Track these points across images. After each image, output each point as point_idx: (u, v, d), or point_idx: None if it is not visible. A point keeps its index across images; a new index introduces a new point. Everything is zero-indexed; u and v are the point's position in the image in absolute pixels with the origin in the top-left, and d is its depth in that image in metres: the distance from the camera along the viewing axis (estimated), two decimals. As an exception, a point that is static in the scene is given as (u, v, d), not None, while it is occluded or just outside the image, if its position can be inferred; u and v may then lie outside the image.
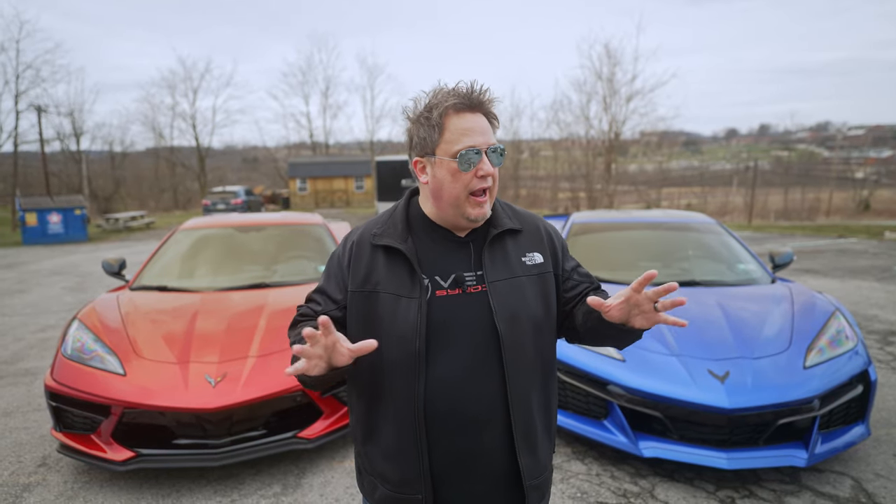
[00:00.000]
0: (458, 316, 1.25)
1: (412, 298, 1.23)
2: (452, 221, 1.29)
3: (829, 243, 13.82)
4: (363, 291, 1.29)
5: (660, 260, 4.53)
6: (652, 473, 3.07)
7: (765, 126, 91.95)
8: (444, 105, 1.22)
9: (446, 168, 1.23)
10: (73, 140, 35.19)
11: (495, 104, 1.27)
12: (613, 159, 31.56)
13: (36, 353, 5.55)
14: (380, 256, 1.29)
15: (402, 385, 1.23)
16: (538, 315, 1.30)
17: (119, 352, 3.23)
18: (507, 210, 1.38)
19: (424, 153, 1.26)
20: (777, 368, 3.01)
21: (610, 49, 33.83)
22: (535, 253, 1.35)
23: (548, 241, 1.39)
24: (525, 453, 1.28)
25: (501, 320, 1.24)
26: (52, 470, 3.24)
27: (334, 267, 1.37)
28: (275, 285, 4.16)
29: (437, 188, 1.26)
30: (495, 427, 1.25)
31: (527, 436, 1.28)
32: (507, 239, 1.33)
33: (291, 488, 3.01)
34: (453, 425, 1.24)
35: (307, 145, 49.79)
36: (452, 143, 1.21)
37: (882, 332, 5.72)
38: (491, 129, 1.26)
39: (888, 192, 34.46)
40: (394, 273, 1.27)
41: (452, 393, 1.23)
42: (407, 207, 1.36)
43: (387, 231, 1.31)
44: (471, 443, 1.25)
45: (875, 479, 2.98)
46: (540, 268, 1.34)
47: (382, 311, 1.25)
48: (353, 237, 1.37)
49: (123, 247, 15.96)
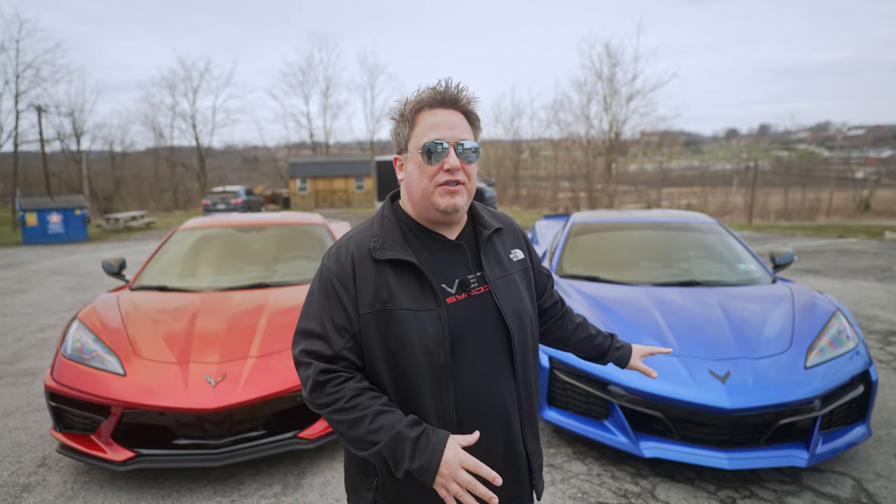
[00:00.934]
0: (472, 320, 1.24)
1: (429, 311, 1.19)
2: (429, 216, 1.27)
3: (829, 243, 13.81)
4: (375, 312, 1.19)
5: (660, 260, 4.52)
6: (653, 474, 3.07)
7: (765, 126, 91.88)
8: (416, 101, 1.24)
9: (415, 162, 1.23)
10: (73, 140, 35.23)
11: (474, 103, 1.26)
12: (614, 159, 31.57)
13: (36, 353, 5.55)
14: (386, 271, 1.21)
15: (432, 400, 1.19)
16: (530, 309, 1.37)
17: (119, 352, 3.23)
18: (486, 210, 1.41)
19: (400, 150, 1.28)
20: (778, 368, 3.00)
21: (610, 49, 33.94)
22: (517, 249, 1.41)
23: (523, 237, 1.46)
24: (531, 440, 1.34)
25: (510, 317, 1.27)
26: (51, 470, 3.24)
27: (330, 293, 1.22)
28: (275, 285, 4.16)
29: (408, 183, 1.27)
30: (516, 420, 1.30)
31: (531, 423, 1.35)
32: (495, 238, 1.37)
33: (292, 488, 3.01)
34: (484, 428, 1.22)
35: (307, 145, 49.79)
36: (420, 136, 1.22)
37: (883, 332, 5.72)
38: (467, 126, 1.25)
39: (888, 192, 34.45)
40: (405, 287, 1.20)
41: (480, 401, 1.24)
42: (394, 214, 1.30)
43: (386, 243, 1.22)
44: (500, 440, 1.28)
45: (876, 480, 2.97)
46: (523, 263, 1.41)
47: (401, 329, 1.18)
48: (349, 255, 1.23)
49: (123, 247, 15.96)
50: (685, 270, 4.31)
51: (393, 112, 1.29)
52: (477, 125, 1.29)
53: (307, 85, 61.78)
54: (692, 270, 4.30)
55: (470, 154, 1.23)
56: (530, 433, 1.35)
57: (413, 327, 1.18)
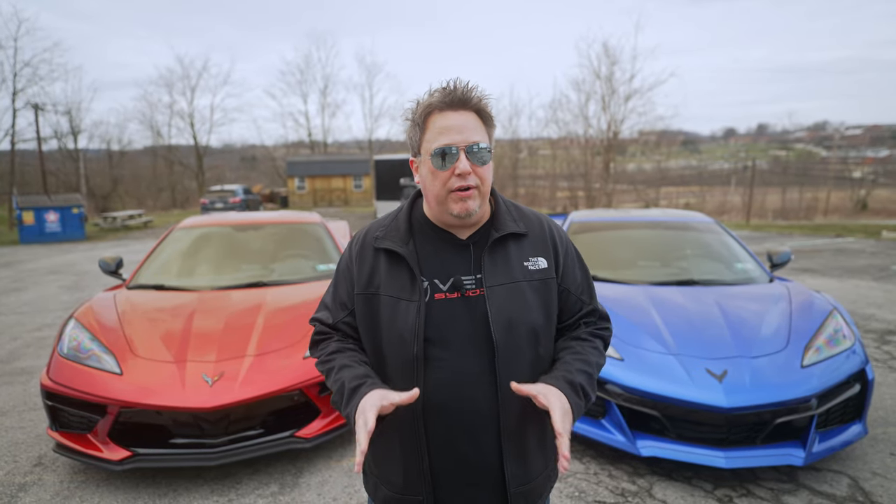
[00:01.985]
0: (456, 319, 1.24)
1: (411, 301, 1.23)
2: (444, 220, 1.28)
3: (826, 243, 13.84)
4: (366, 294, 1.29)
5: (658, 259, 4.53)
6: (650, 472, 3.07)
7: (763, 125, 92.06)
8: (426, 104, 1.23)
9: (427, 167, 1.24)
10: (70, 138, 35.08)
11: (486, 101, 1.24)
12: (612, 158, 31.57)
13: (32, 352, 5.53)
14: (381, 259, 1.29)
15: (402, 387, 1.22)
16: (537, 322, 1.26)
17: (116, 351, 3.22)
18: (513, 212, 1.34)
19: (415, 153, 1.28)
20: (775, 367, 3.01)
21: (608, 48, 34.00)
22: (540, 258, 1.30)
23: (552, 245, 1.34)
24: (512, 461, 1.26)
25: (497, 325, 1.22)
26: (47, 469, 3.23)
27: (343, 272, 1.37)
28: (273, 284, 4.15)
29: (423, 187, 1.28)
30: (489, 432, 1.24)
31: (516, 443, 1.26)
32: (511, 242, 1.29)
33: (289, 487, 3.01)
34: (451, 428, 1.24)
35: (305, 144, 49.71)
36: (431, 141, 1.21)
37: (879, 331, 5.73)
38: (479, 126, 1.22)
39: (886, 192, 34.54)
40: (394, 276, 1.27)
41: (450, 396, 1.23)
42: (411, 209, 1.35)
43: (389, 234, 1.31)
44: (468, 446, 1.24)
45: (872, 478, 2.98)
46: (543, 273, 1.29)
47: (382, 314, 1.26)
48: (357, 240, 1.37)
49: (121, 245, 15.93)
50: (683, 269, 4.32)
51: (406, 112, 1.29)
52: (491, 123, 1.26)
53: (305, 84, 61.57)
54: (690, 269, 4.30)
55: (483, 155, 1.21)
56: (514, 452, 1.26)
57: (391, 314, 1.24)
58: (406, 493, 1.28)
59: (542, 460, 1.33)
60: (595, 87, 31.48)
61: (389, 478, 1.31)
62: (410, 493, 1.28)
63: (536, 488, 1.32)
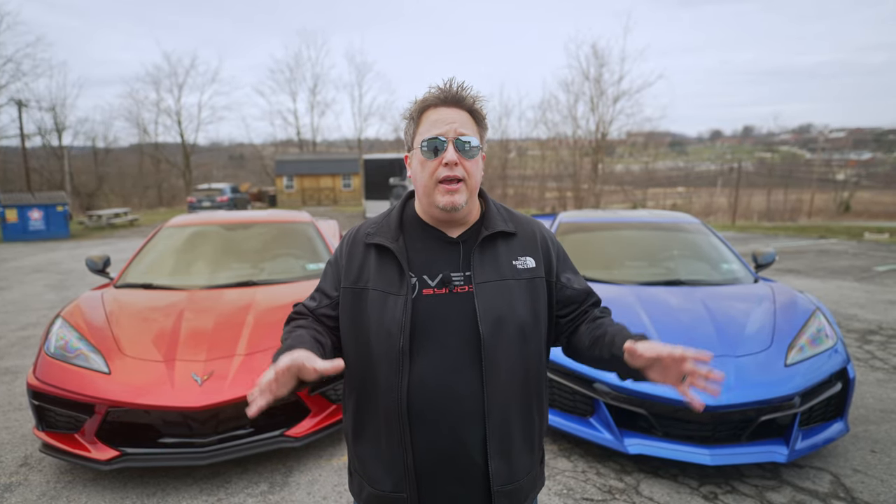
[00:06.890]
0: (444, 315, 1.25)
1: (399, 296, 1.25)
2: (433, 214, 1.31)
3: (810, 244, 14.05)
4: (354, 288, 1.32)
5: (645, 259, 4.58)
6: (637, 470, 3.11)
7: (749, 127, 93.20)
8: (422, 101, 1.29)
9: (417, 158, 1.28)
10: (55, 135, 34.65)
11: (479, 101, 1.29)
12: (600, 159, 31.78)
13: (17, 352, 5.46)
14: (371, 254, 1.32)
15: (387, 382, 1.24)
16: (525, 320, 1.28)
17: (103, 350, 3.19)
18: (503, 213, 1.37)
19: (409, 148, 1.33)
20: (759, 366, 3.06)
21: (597, 50, 34.08)
22: (528, 257, 1.33)
23: (542, 246, 1.36)
24: (497, 458, 1.26)
25: (484, 322, 1.23)
26: (34, 470, 3.20)
27: (332, 264, 1.41)
28: (262, 283, 4.14)
29: (414, 180, 1.32)
30: (474, 429, 1.25)
31: (501, 441, 1.27)
32: (500, 241, 1.32)
33: (278, 487, 3.01)
34: (435, 424, 1.24)
35: (294, 143, 49.44)
36: (423, 133, 1.27)
37: (861, 331, 5.84)
38: (470, 123, 1.27)
39: (868, 194, 35.16)
40: (383, 271, 1.29)
41: (434, 391, 1.23)
42: (403, 208, 1.39)
43: (380, 230, 1.34)
44: (452, 443, 1.24)
45: (853, 475, 3.04)
46: (531, 272, 1.32)
47: (370, 308, 1.28)
48: (350, 236, 1.41)
49: (106, 244, 15.74)
50: (670, 270, 4.37)
51: (405, 112, 1.35)
52: (483, 125, 1.31)
53: (295, 82, 61.25)
54: (677, 270, 4.36)
55: (470, 149, 1.25)
56: (498, 450, 1.26)
57: (378, 307, 1.27)
58: (390, 491, 1.28)
59: (528, 460, 1.33)
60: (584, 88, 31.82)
61: (374, 476, 1.31)
62: (395, 491, 1.28)
63: (522, 489, 1.31)
